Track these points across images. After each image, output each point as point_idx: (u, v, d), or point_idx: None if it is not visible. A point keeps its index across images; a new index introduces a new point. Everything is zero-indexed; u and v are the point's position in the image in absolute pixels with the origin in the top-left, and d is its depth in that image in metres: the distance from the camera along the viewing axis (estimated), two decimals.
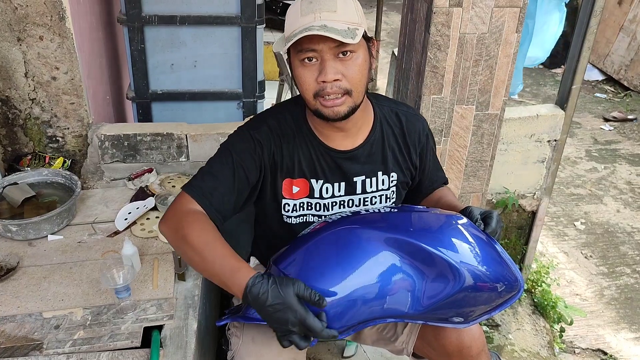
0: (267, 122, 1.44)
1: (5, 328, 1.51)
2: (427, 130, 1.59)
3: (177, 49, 2.63)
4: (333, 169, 1.47)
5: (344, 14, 1.27)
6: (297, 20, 1.26)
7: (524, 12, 1.88)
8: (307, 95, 1.32)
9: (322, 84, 1.28)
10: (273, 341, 1.43)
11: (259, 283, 1.15)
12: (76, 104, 2.10)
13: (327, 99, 1.30)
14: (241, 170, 1.38)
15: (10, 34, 1.93)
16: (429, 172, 1.63)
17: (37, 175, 2.03)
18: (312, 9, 1.25)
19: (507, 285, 1.29)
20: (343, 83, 1.29)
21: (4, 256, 1.74)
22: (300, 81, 1.32)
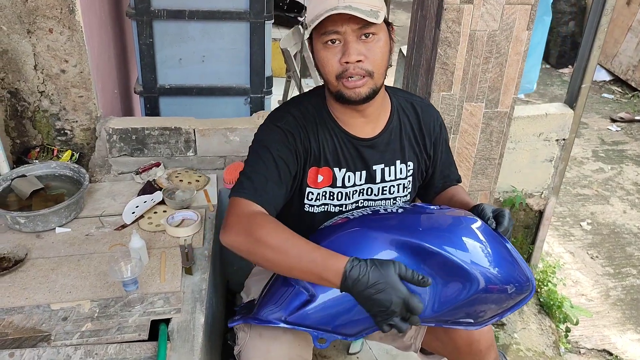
0: (291, 112, 1.45)
1: (14, 319, 1.51)
2: (440, 121, 1.59)
3: (185, 44, 2.63)
4: (355, 157, 1.47)
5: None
6: (321, 3, 1.27)
7: (535, 9, 1.88)
8: (329, 77, 1.33)
9: (345, 65, 1.29)
10: (281, 336, 1.44)
11: (357, 266, 1.13)
12: (85, 97, 2.10)
13: (349, 80, 1.31)
14: (282, 163, 1.37)
15: (20, 26, 1.93)
16: (442, 166, 1.62)
17: (46, 168, 2.04)
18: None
19: (518, 287, 1.28)
20: (365, 64, 1.30)
21: (12, 248, 1.75)
22: (323, 63, 1.32)
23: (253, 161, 1.39)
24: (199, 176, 2.20)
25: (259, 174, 1.35)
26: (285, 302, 1.31)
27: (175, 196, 2.02)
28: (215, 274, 1.97)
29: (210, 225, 1.94)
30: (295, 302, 1.30)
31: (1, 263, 1.70)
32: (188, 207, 2.00)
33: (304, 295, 1.29)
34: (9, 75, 2.01)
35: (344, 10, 1.23)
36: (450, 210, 1.40)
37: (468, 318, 1.29)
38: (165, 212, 1.96)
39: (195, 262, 1.75)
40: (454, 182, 1.67)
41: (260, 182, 1.34)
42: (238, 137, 2.24)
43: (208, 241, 1.86)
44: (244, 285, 1.77)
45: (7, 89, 2.03)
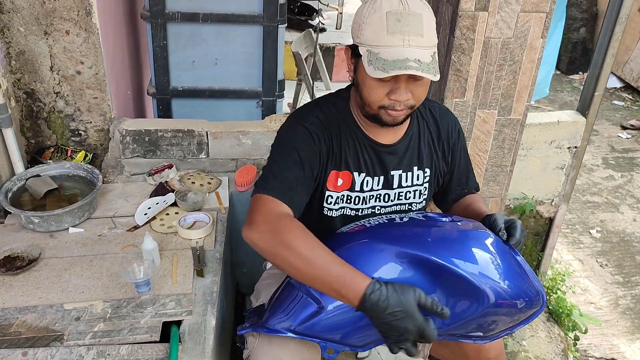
0: (315, 113, 1.45)
1: (27, 318, 1.52)
2: (458, 127, 1.60)
3: (198, 46, 2.64)
4: (375, 163, 1.48)
5: (429, 37, 1.27)
6: (383, 36, 1.24)
7: (550, 17, 1.87)
8: (372, 105, 1.34)
9: (393, 102, 1.31)
10: (289, 343, 1.44)
11: (378, 290, 1.14)
12: (99, 99, 2.12)
13: (392, 112, 1.33)
14: (307, 166, 1.38)
15: (38, 28, 1.95)
16: (459, 173, 1.62)
17: (60, 168, 2.05)
18: (401, 29, 1.24)
19: (528, 301, 1.27)
20: (410, 101, 1.32)
21: (26, 247, 1.76)
22: (370, 91, 1.32)
23: (280, 160, 1.37)
24: (211, 178, 2.21)
25: (288, 175, 1.34)
26: (294, 312, 1.31)
27: (187, 198, 2.03)
28: (226, 276, 1.98)
29: (221, 227, 1.95)
30: (304, 312, 1.29)
31: (15, 262, 1.71)
32: (200, 209, 2.01)
33: (313, 307, 1.28)
34: (26, 76, 2.03)
35: (416, 71, 1.21)
36: (463, 222, 1.39)
37: (478, 331, 1.29)
38: (177, 214, 1.98)
39: (206, 264, 1.76)
40: (472, 190, 1.66)
41: (289, 183, 1.33)
42: (250, 140, 2.25)
43: (219, 243, 1.87)
44: (254, 289, 1.77)
45: (23, 90, 2.05)
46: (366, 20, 1.28)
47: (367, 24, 1.27)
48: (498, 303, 1.22)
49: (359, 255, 1.26)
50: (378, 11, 1.26)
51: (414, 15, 1.24)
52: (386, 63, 1.22)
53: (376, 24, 1.25)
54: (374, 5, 1.27)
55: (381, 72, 1.22)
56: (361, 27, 1.29)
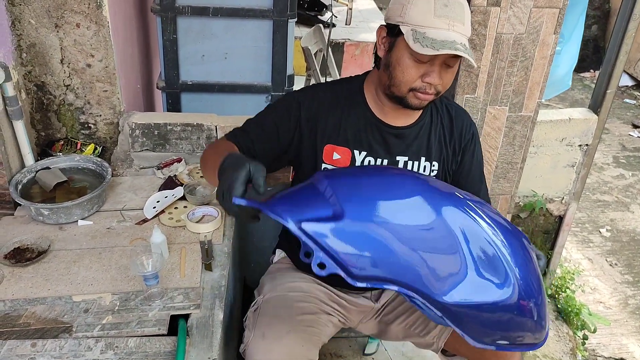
0: (317, 87, 1.54)
1: (36, 310, 1.53)
2: (473, 130, 1.59)
3: (208, 41, 2.64)
4: (379, 143, 1.49)
5: (468, 26, 1.34)
6: (430, 17, 1.29)
7: (564, 13, 1.86)
8: (402, 85, 1.37)
9: (426, 84, 1.34)
10: (284, 337, 1.46)
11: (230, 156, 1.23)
12: (109, 92, 2.12)
13: (421, 94, 1.36)
14: (271, 122, 1.51)
15: (49, 21, 1.95)
16: (471, 180, 1.60)
17: (69, 161, 2.06)
18: (447, 14, 1.28)
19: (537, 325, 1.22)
20: (439, 86, 1.36)
21: (35, 239, 1.77)
22: (405, 72, 1.35)
23: (253, 118, 1.56)
24: None
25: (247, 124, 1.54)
26: (307, 207, 1.17)
27: (196, 192, 2.03)
28: (234, 270, 1.98)
29: (230, 221, 1.95)
30: (317, 211, 1.16)
31: (24, 254, 1.72)
32: (208, 203, 2.01)
33: (329, 211, 1.16)
34: (36, 69, 2.03)
35: (463, 53, 1.25)
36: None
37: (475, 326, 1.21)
38: (186, 208, 1.98)
39: (214, 258, 1.76)
40: None
41: (242, 129, 1.54)
42: None
43: (228, 238, 1.87)
44: (259, 282, 1.78)
45: (33, 82, 2.05)
46: (412, 1, 1.31)
47: (413, 4, 1.30)
48: (519, 304, 1.19)
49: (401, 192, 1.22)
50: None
51: (458, 3, 1.30)
52: (435, 42, 1.25)
53: (423, 5, 1.29)
54: None
55: (430, 50, 1.25)
56: (405, 7, 1.32)
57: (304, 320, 1.57)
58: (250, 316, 1.59)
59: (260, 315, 1.56)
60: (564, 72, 2.40)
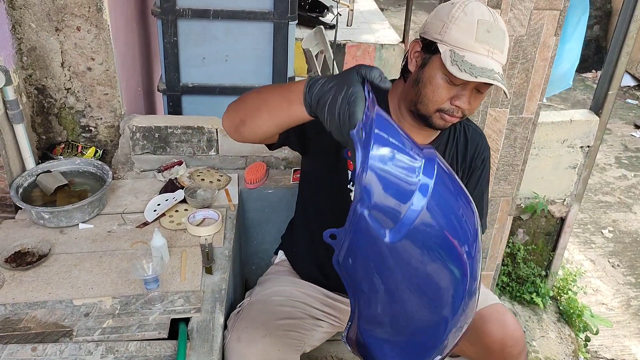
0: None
1: (37, 313, 1.53)
2: (485, 155, 1.57)
3: (209, 43, 2.64)
4: None
5: (505, 54, 1.31)
6: (471, 41, 1.25)
7: (564, 15, 1.85)
8: (430, 105, 1.34)
9: (454, 107, 1.32)
10: (259, 340, 1.48)
11: (317, 79, 1.09)
12: (110, 95, 2.12)
13: (448, 117, 1.34)
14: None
15: (49, 24, 1.95)
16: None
17: (70, 164, 2.06)
18: (489, 40, 1.25)
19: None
20: (467, 111, 1.34)
21: (36, 243, 1.77)
22: (435, 92, 1.32)
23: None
24: (221, 175, 2.20)
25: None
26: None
27: (197, 195, 2.03)
28: (235, 273, 1.98)
29: (230, 225, 1.95)
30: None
31: (25, 257, 1.72)
32: (209, 206, 2.01)
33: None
34: (37, 72, 2.03)
35: (500, 83, 1.23)
36: None
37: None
38: (187, 211, 1.97)
39: (215, 261, 1.76)
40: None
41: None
42: None
43: (228, 241, 1.87)
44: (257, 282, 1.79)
45: (34, 86, 2.06)
46: (454, 21, 1.27)
47: (455, 24, 1.27)
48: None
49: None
50: (469, 15, 1.26)
51: (501, 30, 1.28)
52: (474, 68, 1.23)
53: (466, 27, 1.26)
54: (464, 8, 1.28)
55: (468, 75, 1.22)
56: (447, 25, 1.28)
57: (284, 324, 1.58)
58: (232, 318, 1.60)
59: (239, 319, 1.57)
60: (565, 70, 2.40)
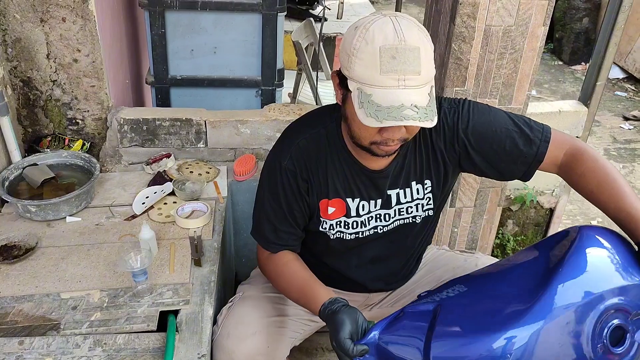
0: (297, 141, 1.40)
1: (24, 307, 1.52)
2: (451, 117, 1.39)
3: (197, 35, 2.62)
4: (369, 187, 1.43)
5: (426, 72, 1.14)
6: (376, 75, 1.11)
7: (552, 5, 1.85)
8: (363, 140, 1.25)
9: (386, 139, 1.21)
10: (248, 339, 1.48)
11: (328, 307, 1.30)
12: (96, 87, 2.10)
13: (384, 147, 1.24)
14: (291, 209, 1.44)
15: (34, 15, 1.93)
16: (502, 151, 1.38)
17: (57, 157, 2.04)
18: (395, 68, 1.10)
19: None
20: (404, 135, 1.23)
21: (23, 236, 1.75)
22: (361, 129, 1.21)
23: (265, 206, 1.47)
24: (209, 168, 2.19)
25: (271, 224, 1.47)
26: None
27: (185, 187, 2.02)
28: (224, 265, 1.97)
29: (219, 217, 1.94)
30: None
31: (12, 251, 1.70)
32: (198, 198, 2.00)
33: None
34: (22, 64, 2.01)
35: (414, 122, 1.10)
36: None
37: None
38: (175, 204, 1.96)
39: (204, 253, 1.75)
40: (543, 143, 1.37)
41: (272, 232, 1.47)
42: (249, 130, 2.24)
43: (217, 233, 1.86)
44: (250, 275, 1.78)
45: (19, 78, 2.03)
46: (357, 53, 1.14)
47: (358, 57, 1.13)
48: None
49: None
50: (370, 44, 1.12)
51: (410, 50, 1.11)
52: (380, 110, 1.10)
53: (368, 59, 1.12)
54: (365, 36, 1.13)
55: (373, 120, 1.10)
56: (351, 59, 1.15)
57: (275, 321, 1.58)
58: (223, 312, 1.59)
59: (230, 315, 1.56)
60: None
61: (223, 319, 1.55)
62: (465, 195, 2.20)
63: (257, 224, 1.51)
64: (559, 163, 1.40)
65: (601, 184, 1.30)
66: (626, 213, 1.24)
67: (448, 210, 2.23)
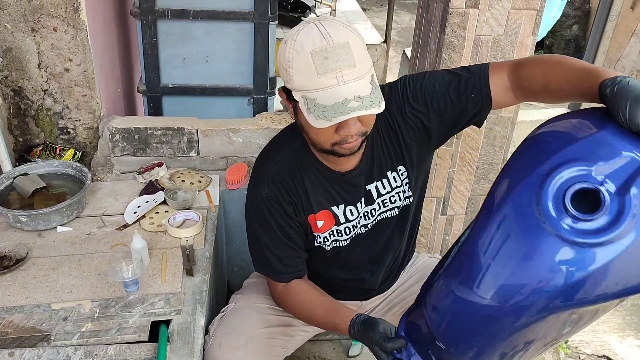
0: (270, 170, 1.42)
1: (14, 318, 1.51)
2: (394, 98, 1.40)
3: (189, 44, 2.62)
4: (349, 190, 1.45)
5: (362, 63, 1.17)
6: (314, 79, 1.14)
7: (541, 14, 1.87)
8: (323, 144, 1.27)
9: (344, 136, 1.23)
10: (240, 350, 1.48)
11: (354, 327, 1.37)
12: (88, 96, 2.10)
13: (346, 145, 1.26)
14: (287, 235, 1.45)
15: (25, 25, 1.93)
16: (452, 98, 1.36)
17: (48, 166, 2.04)
18: (330, 67, 1.13)
19: None
20: (361, 128, 1.24)
21: (13, 246, 1.75)
22: (318, 134, 1.24)
23: (263, 237, 1.47)
24: (201, 177, 2.19)
25: (276, 256, 1.47)
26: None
27: (177, 196, 2.02)
28: (216, 274, 1.97)
29: (211, 226, 1.94)
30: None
31: (2, 262, 1.70)
32: (190, 207, 2.00)
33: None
34: (13, 74, 2.01)
35: (360, 111, 1.12)
36: None
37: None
38: (167, 213, 1.96)
39: (196, 263, 1.75)
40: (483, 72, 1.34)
41: (280, 264, 1.48)
42: (241, 138, 2.24)
43: (209, 242, 1.86)
44: (242, 285, 1.78)
45: (10, 87, 2.03)
46: (292, 65, 1.16)
47: (294, 68, 1.16)
48: None
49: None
50: (301, 52, 1.14)
51: (340, 46, 1.14)
52: (326, 110, 1.13)
53: (303, 67, 1.15)
54: (294, 46, 1.16)
55: (323, 121, 1.13)
56: (288, 72, 1.18)
57: (267, 332, 1.58)
58: (215, 322, 1.59)
59: (222, 325, 1.56)
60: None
61: (215, 330, 1.55)
62: (456, 203, 2.21)
63: (260, 259, 1.51)
64: (508, 84, 1.33)
65: (549, 73, 1.21)
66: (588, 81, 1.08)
67: (440, 217, 2.24)
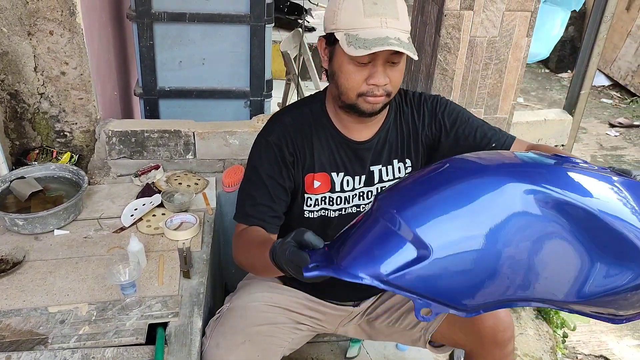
0: (283, 119, 1.48)
1: (11, 322, 1.51)
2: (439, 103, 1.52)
3: (185, 47, 2.63)
4: (353, 161, 1.49)
5: (404, 21, 1.29)
6: (360, 18, 1.26)
7: (535, 16, 1.88)
8: (350, 92, 1.34)
9: (372, 87, 1.32)
10: (238, 347, 1.48)
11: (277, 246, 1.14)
12: (84, 100, 2.10)
13: (371, 98, 1.33)
14: (272, 182, 1.44)
15: (21, 28, 1.93)
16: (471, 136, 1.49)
17: (44, 170, 2.04)
18: (377, 12, 1.25)
19: None
20: (388, 86, 1.33)
21: (10, 250, 1.75)
22: (347, 78, 1.32)
23: (246, 182, 1.50)
24: (198, 179, 2.20)
25: (251, 197, 1.47)
26: (383, 254, 0.96)
27: (174, 199, 2.02)
28: (214, 277, 1.97)
29: (208, 228, 1.94)
30: (398, 257, 0.95)
31: None
32: (187, 210, 2.00)
33: (413, 252, 0.94)
34: (9, 77, 2.01)
35: (399, 47, 1.22)
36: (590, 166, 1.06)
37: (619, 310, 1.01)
38: (164, 215, 1.96)
39: (193, 265, 1.75)
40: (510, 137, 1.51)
41: (250, 205, 1.46)
42: (237, 141, 2.24)
43: (206, 244, 1.86)
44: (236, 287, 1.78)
45: (7, 91, 2.03)
46: (341, 6, 1.29)
47: (343, 9, 1.28)
48: None
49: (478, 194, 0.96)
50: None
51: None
52: (367, 41, 1.23)
53: (352, 8, 1.27)
54: None
55: (363, 50, 1.22)
56: (337, 13, 1.30)
57: (264, 330, 1.57)
58: (211, 324, 1.59)
59: (218, 325, 1.56)
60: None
61: (211, 330, 1.55)
62: None
63: (239, 203, 1.51)
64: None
65: None
66: None
67: None
